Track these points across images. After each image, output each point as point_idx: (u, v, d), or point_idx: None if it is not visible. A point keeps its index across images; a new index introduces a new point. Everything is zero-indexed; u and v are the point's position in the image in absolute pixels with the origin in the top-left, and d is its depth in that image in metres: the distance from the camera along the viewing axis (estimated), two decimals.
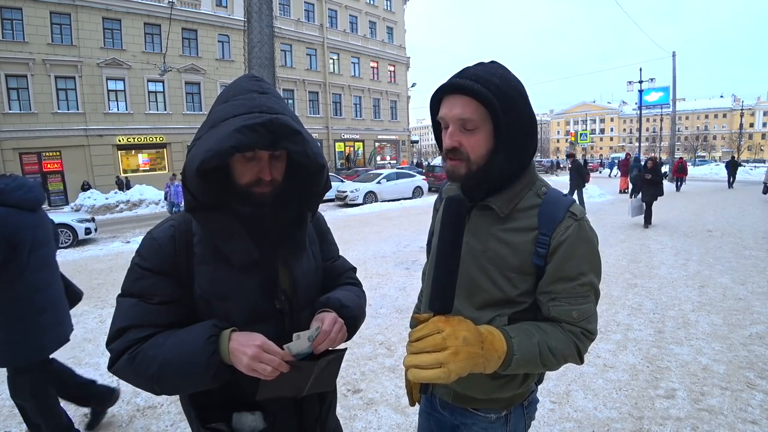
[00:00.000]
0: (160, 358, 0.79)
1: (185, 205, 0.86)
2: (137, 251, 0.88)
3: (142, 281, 0.85)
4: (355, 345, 3.42)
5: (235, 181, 0.85)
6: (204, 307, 0.88)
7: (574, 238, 0.86)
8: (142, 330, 0.83)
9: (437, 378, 0.69)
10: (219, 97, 0.88)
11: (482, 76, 0.84)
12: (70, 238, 9.46)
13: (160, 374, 0.79)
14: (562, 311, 0.87)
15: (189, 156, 0.81)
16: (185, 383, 0.82)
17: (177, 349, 0.80)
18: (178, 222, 0.90)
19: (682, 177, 17.41)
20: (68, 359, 3.42)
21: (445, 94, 0.88)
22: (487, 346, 0.76)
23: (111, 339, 0.84)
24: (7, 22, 18.28)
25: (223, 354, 0.80)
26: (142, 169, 22.56)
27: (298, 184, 0.94)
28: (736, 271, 5.31)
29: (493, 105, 0.82)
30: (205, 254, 0.88)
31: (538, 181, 0.94)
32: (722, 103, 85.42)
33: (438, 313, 0.74)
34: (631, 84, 30.94)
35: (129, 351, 0.81)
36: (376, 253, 6.91)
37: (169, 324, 0.85)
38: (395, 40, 33.86)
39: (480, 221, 0.94)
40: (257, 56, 4.13)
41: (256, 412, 0.90)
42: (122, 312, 0.85)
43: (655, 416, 2.42)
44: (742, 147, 60.25)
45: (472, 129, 0.85)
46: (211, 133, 0.80)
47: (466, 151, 0.87)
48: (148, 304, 0.84)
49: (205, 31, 23.57)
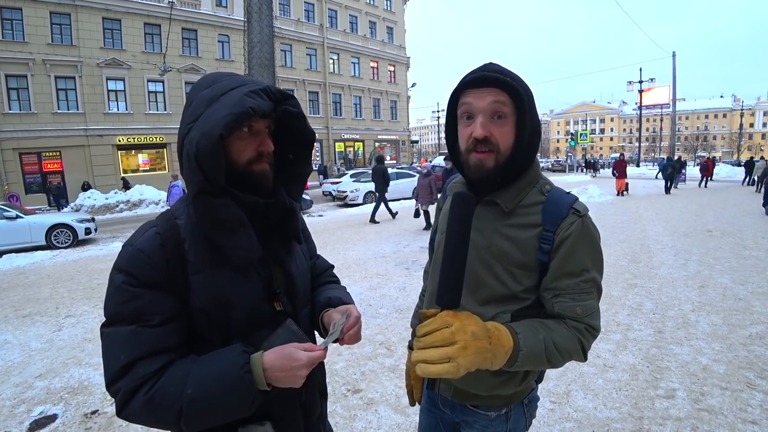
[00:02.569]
0: (187, 394, 0.71)
1: (195, 188, 0.76)
2: (118, 268, 0.75)
3: (135, 302, 0.73)
4: (355, 345, 3.42)
5: (234, 162, 0.80)
6: (202, 319, 0.79)
7: (577, 234, 0.87)
8: (153, 361, 0.72)
9: (446, 373, 0.68)
10: (198, 85, 0.85)
11: (505, 71, 0.88)
12: (70, 238, 9.46)
13: (189, 413, 0.71)
14: (566, 307, 0.87)
15: (200, 132, 0.74)
16: (219, 418, 0.74)
17: (206, 384, 0.71)
18: (164, 228, 0.79)
19: (708, 175, 18.86)
20: (68, 359, 3.43)
21: (469, 87, 0.89)
22: (494, 341, 0.76)
23: (115, 378, 0.72)
24: (7, 22, 18.29)
25: (259, 382, 0.73)
26: (142, 169, 22.56)
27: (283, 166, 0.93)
28: (736, 271, 5.30)
29: (521, 98, 0.86)
30: (200, 261, 0.78)
31: (542, 179, 0.96)
32: (722, 103, 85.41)
33: (445, 308, 0.73)
34: (631, 84, 30.97)
35: (142, 391, 0.71)
36: (376, 253, 6.90)
37: (177, 346, 0.76)
38: (395, 40, 33.86)
39: (484, 217, 0.95)
40: (257, 56, 4.13)
41: (265, 422, 0.83)
42: (120, 344, 0.73)
43: (655, 416, 2.42)
44: (742, 147, 60.25)
45: (502, 119, 0.87)
46: (215, 107, 0.76)
47: (497, 141, 0.87)
48: (149, 328, 0.73)
49: (205, 31, 23.58)
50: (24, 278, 6.41)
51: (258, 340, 0.80)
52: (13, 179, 18.58)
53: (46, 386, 2.99)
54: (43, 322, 4.35)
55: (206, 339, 0.80)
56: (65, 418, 2.58)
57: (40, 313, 4.65)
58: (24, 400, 2.82)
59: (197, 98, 0.80)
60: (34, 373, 3.22)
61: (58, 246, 9.21)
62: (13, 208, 9.55)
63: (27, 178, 19.33)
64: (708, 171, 18.80)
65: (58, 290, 5.61)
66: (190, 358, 0.77)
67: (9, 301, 5.21)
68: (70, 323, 4.30)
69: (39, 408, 2.70)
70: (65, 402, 2.77)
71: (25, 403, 2.77)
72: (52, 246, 9.13)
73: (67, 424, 2.51)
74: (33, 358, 3.48)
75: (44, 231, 9.16)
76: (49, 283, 6.01)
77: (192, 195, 0.77)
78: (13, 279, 6.39)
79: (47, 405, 2.73)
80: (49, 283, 6.06)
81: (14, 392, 2.93)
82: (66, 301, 5.10)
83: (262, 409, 0.80)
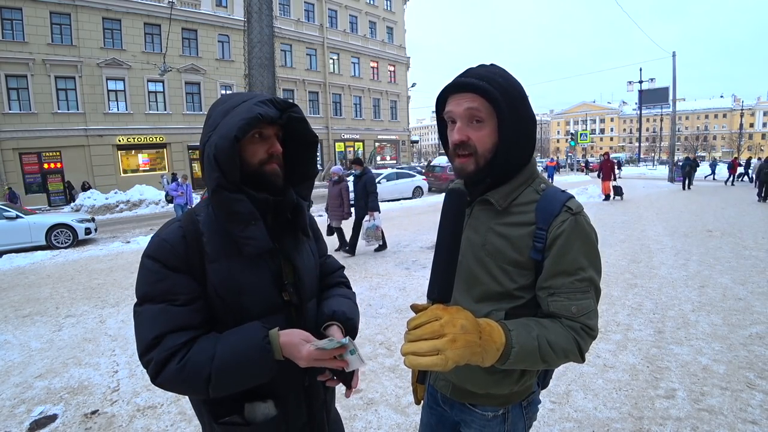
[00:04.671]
0: (214, 363, 0.82)
1: (214, 184, 0.87)
2: (147, 255, 0.88)
3: (162, 283, 0.85)
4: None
5: (248, 164, 0.91)
6: (218, 304, 0.89)
7: (569, 231, 0.86)
8: (180, 335, 0.83)
9: (434, 365, 0.68)
10: (215, 103, 0.97)
11: (486, 75, 0.89)
12: (70, 238, 9.47)
13: (217, 378, 0.82)
14: (561, 306, 0.87)
15: (218, 136, 0.86)
16: (242, 383, 0.86)
17: (232, 353, 0.82)
18: (186, 222, 0.91)
19: (734, 173, 20.67)
20: (68, 359, 3.43)
21: (450, 93, 0.92)
22: (485, 337, 0.75)
23: (147, 349, 0.83)
24: (7, 22, 18.29)
25: (276, 353, 0.85)
26: (142, 169, 22.56)
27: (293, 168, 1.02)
28: (736, 271, 5.30)
29: (498, 101, 0.86)
30: (216, 252, 0.89)
31: (538, 179, 0.96)
32: (722, 103, 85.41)
33: (436, 302, 0.74)
34: (631, 84, 30.94)
35: (175, 360, 0.81)
36: (376, 253, 6.91)
37: (201, 324, 0.87)
38: (395, 40, 33.86)
39: (480, 215, 0.96)
40: (257, 56, 4.13)
41: (268, 400, 0.92)
42: (151, 319, 0.84)
43: (655, 416, 2.42)
44: (742, 147, 60.24)
45: (479, 123, 0.89)
46: (231, 115, 0.88)
47: (474, 145, 0.90)
48: (176, 307, 0.84)
49: (205, 31, 23.58)
50: (24, 278, 6.41)
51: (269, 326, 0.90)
52: (13, 179, 18.58)
53: (46, 386, 2.99)
54: (43, 322, 4.35)
55: (222, 322, 0.90)
56: (65, 418, 2.58)
57: (40, 313, 4.65)
58: (24, 400, 2.82)
59: (215, 113, 0.93)
60: (34, 373, 3.22)
61: (58, 246, 9.22)
62: (13, 208, 9.56)
63: (27, 178, 19.34)
64: (735, 169, 20.57)
65: (58, 290, 5.61)
66: (212, 334, 0.87)
67: (9, 301, 5.21)
68: (70, 323, 4.30)
69: (39, 408, 2.70)
70: (65, 402, 2.77)
71: (25, 403, 2.77)
72: (52, 246, 9.14)
73: (67, 424, 2.51)
74: (33, 358, 3.48)
75: (44, 231, 9.17)
76: (49, 283, 6.01)
77: (211, 190, 0.89)
78: (13, 279, 6.39)
79: (47, 405, 2.73)
80: (49, 283, 6.06)
81: (14, 392, 2.93)
82: (66, 301, 5.10)
83: (267, 387, 0.90)
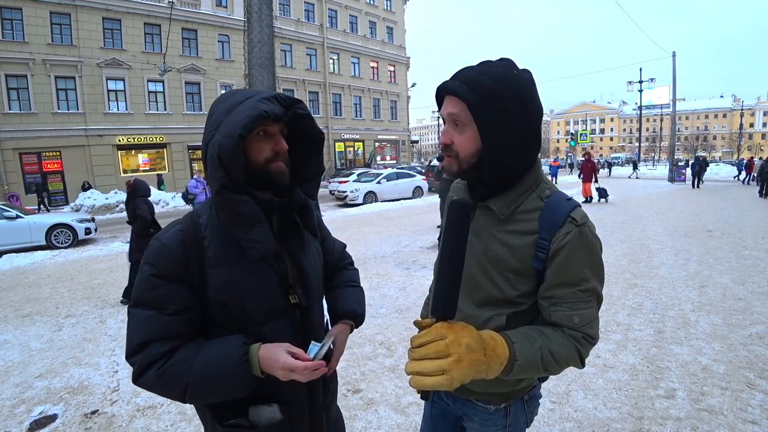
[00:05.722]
0: (191, 374, 0.82)
1: (217, 184, 0.85)
2: (146, 258, 0.88)
3: (155, 291, 0.85)
4: (355, 345, 3.42)
5: (253, 162, 0.89)
6: (219, 309, 0.88)
7: (573, 243, 0.85)
8: (164, 343, 0.84)
9: (440, 385, 0.68)
10: (217, 101, 0.94)
11: (471, 77, 0.85)
12: (70, 238, 9.46)
13: (193, 389, 0.83)
14: (563, 316, 0.86)
15: (222, 135, 0.84)
16: (217, 397, 0.86)
17: (209, 367, 0.83)
18: (187, 225, 0.90)
19: (751, 172, 21.12)
20: (68, 359, 3.43)
21: (442, 95, 0.93)
22: (489, 352, 0.75)
23: (132, 353, 0.84)
24: (7, 22, 18.28)
25: (254, 369, 0.85)
26: (142, 169, 22.54)
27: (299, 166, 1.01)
28: (736, 271, 5.30)
29: (474, 105, 0.83)
30: (218, 256, 0.88)
31: (543, 184, 0.93)
32: (722, 103, 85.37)
33: (441, 319, 0.73)
34: (631, 84, 30.93)
35: (156, 367, 0.83)
36: (376, 253, 6.90)
37: (188, 333, 0.87)
38: (395, 40, 33.85)
39: (483, 221, 0.95)
40: (257, 56, 4.13)
41: (273, 404, 0.92)
42: (140, 324, 0.85)
43: (655, 416, 2.42)
44: (742, 147, 60.23)
45: (461, 126, 0.88)
46: (234, 113, 0.86)
47: (456, 149, 0.90)
48: (166, 316, 0.84)
49: (205, 31, 23.56)
50: (24, 278, 6.41)
51: (272, 330, 0.91)
52: (13, 179, 18.58)
53: (46, 386, 2.99)
54: (43, 322, 4.35)
55: (224, 327, 0.90)
56: (65, 418, 2.58)
57: (40, 313, 4.65)
58: (24, 400, 2.82)
59: (217, 111, 0.90)
60: (34, 373, 3.22)
61: (58, 246, 9.21)
62: (13, 208, 9.55)
63: (27, 178, 19.32)
64: (751, 168, 20.93)
65: (58, 290, 5.61)
66: (198, 342, 0.87)
67: (9, 301, 5.21)
68: (70, 323, 4.30)
69: (39, 408, 2.70)
70: (65, 402, 2.77)
71: (25, 403, 2.77)
72: (52, 246, 9.13)
73: (67, 424, 2.51)
74: (33, 358, 3.48)
75: (44, 231, 9.16)
76: (49, 283, 6.01)
77: (214, 190, 0.86)
78: (13, 279, 6.39)
79: (47, 405, 2.73)
80: (49, 283, 6.06)
81: (14, 392, 2.93)
82: (66, 301, 5.10)
83: (272, 391, 0.92)
